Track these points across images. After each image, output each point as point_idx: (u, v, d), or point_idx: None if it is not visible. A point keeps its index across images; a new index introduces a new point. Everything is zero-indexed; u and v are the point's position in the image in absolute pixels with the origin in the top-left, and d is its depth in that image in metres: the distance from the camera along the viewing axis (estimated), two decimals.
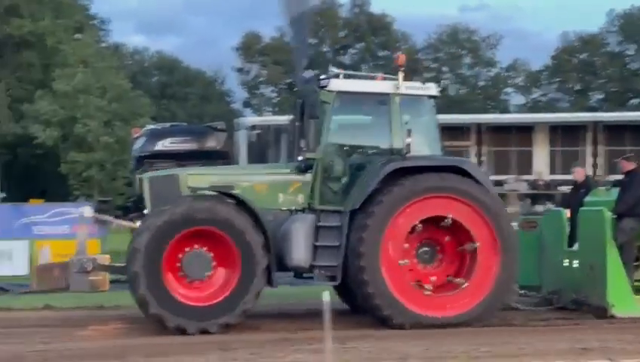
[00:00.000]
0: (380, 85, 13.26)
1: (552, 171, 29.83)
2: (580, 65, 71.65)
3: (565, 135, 30.76)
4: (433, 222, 12.59)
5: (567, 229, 14.21)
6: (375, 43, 71.02)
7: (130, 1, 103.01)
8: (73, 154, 53.05)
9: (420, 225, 12.45)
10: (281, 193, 13.01)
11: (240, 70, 74.00)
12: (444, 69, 73.40)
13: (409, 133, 12.54)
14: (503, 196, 28.69)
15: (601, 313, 12.80)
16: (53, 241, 20.99)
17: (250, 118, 28.29)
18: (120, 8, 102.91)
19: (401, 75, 13.00)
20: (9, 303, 15.78)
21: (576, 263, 13.58)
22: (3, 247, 21.68)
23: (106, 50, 64.08)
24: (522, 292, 14.70)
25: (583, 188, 15.24)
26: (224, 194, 12.60)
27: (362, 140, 13.44)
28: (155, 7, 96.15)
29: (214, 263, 12.28)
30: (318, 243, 12.50)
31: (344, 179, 12.95)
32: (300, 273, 13.38)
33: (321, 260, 12.49)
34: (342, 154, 13.13)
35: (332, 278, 12.52)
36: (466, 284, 12.44)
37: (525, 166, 30.36)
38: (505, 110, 67.80)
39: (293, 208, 12.96)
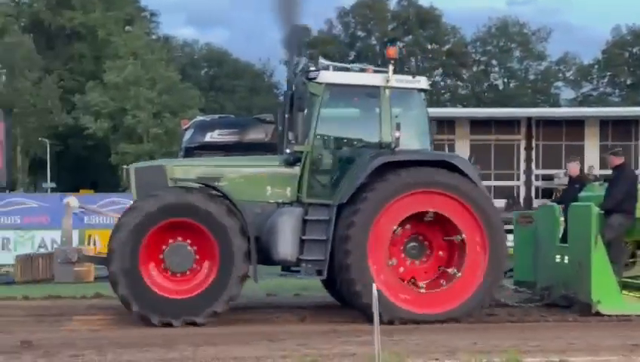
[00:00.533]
0: (369, 78, 12.87)
1: (603, 166, 29.41)
2: (631, 59, 70.68)
3: (616, 129, 30.35)
4: (418, 218, 12.29)
5: (563, 225, 13.91)
6: (423, 36, 70.67)
7: None
8: (123, 146, 53.62)
9: (408, 221, 12.22)
10: (269, 185, 12.75)
11: (288, 63, 74.00)
12: (493, 62, 72.83)
13: (398, 126, 12.24)
14: (552, 190, 28.50)
15: (588, 309, 12.49)
16: (103, 231, 21.17)
17: None
18: (169, 1, 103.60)
19: (391, 68, 12.62)
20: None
21: (566, 259, 13.26)
22: (54, 236, 21.92)
23: (156, 43, 64.63)
24: (514, 288, 14.55)
25: (577, 183, 15.00)
26: (205, 185, 12.36)
27: (351, 133, 13.11)
28: (205, 0, 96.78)
29: (196, 255, 12.06)
30: (305, 237, 12.23)
31: (333, 173, 12.73)
32: (286, 267, 13.18)
33: (308, 254, 12.21)
34: (330, 147, 12.88)
35: (319, 272, 12.27)
36: (459, 274, 12.14)
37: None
38: (555, 104, 67.16)
39: (281, 201, 12.67)
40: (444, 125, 27.72)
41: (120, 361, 9.35)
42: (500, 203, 24.18)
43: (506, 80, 73.52)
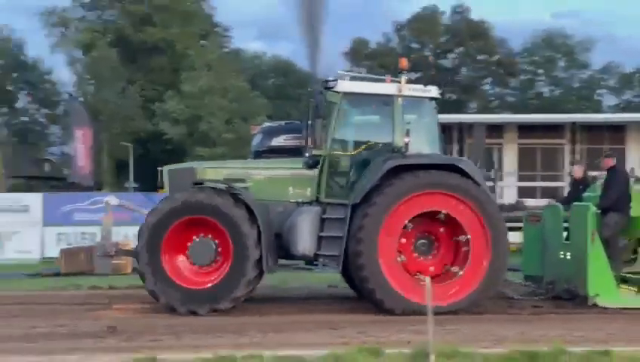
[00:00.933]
0: (383, 87, 12.97)
1: None
2: None
3: None
4: (430, 217, 12.35)
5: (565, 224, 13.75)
6: (474, 47, 69.98)
7: (248, 11, 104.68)
8: (198, 150, 54.09)
9: (415, 220, 12.26)
10: (290, 186, 12.90)
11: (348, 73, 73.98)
12: (540, 71, 71.82)
13: (407, 132, 12.37)
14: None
15: (587, 303, 12.39)
16: None
17: None
18: (240, 17, 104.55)
19: (403, 78, 12.70)
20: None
21: (569, 255, 13.12)
22: (135, 232, 22.18)
23: (228, 55, 65.10)
24: (522, 282, 14.38)
25: (581, 184, 14.87)
26: (228, 187, 12.45)
27: (366, 138, 13.09)
28: (271, 16, 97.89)
29: (218, 248, 12.19)
30: (322, 234, 12.37)
31: (349, 175, 12.80)
32: (305, 261, 13.13)
33: (325, 250, 12.35)
34: (347, 151, 12.97)
35: (335, 267, 12.42)
36: (461, 273, 12.17)
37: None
38: (598, 110, 65.92)
39: (301, 200, 12.79)
40: (494, 130, 27.48)
41: (196, 345, 9.45)
42: (544, 202, 23.83)
43: (551, 88, 72.49)
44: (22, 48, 58.16)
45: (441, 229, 12.53)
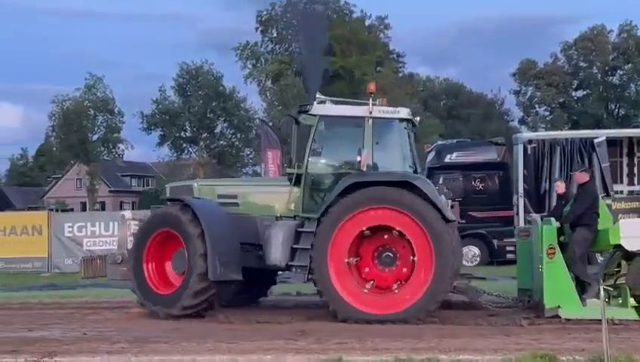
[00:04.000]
0: (355, 110, 13.05)
1: None
2: None
3: None
4: (387, 231, 12.11)
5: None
6: None
7: (417, 39, 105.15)
8: None
9: (367, 232, 12.06)
10: (275, 202, 13.05)
11: (517, 92, 72.47)
12: None
13: (359, 151, 12.31)
14: None
15: (549, 314, 11.77)
16: None
17: (527, 134, 27.45)
18: (412, 44, 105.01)
19: (371, 101, 12.61)
20: None
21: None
22: None
23: (402, 80, 65.33)
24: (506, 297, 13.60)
25: (563, 200, 13.92)
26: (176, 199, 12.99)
27: (340, 158, 13.03)
28: (437, 42, 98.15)
29: (187, 258, 12.49)
30: (295, 246, 12.44)
31: (323, 191, 12.78)
32: (278, 270, 13.36)
33: (298, 261, 12.39)
34: (322, 170, 12.97)
35: (305, 277, 12.34)
36: (403, 284, 11.99)
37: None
38: None
39: (284, 215, 12.90)
40: None
41: (377, 348, 9.50)
42: None
43: None
44: (220, 80, 60.83)
45: (398, 244, 12.31)
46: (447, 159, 23.99)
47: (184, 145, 61.77)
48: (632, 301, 11.71)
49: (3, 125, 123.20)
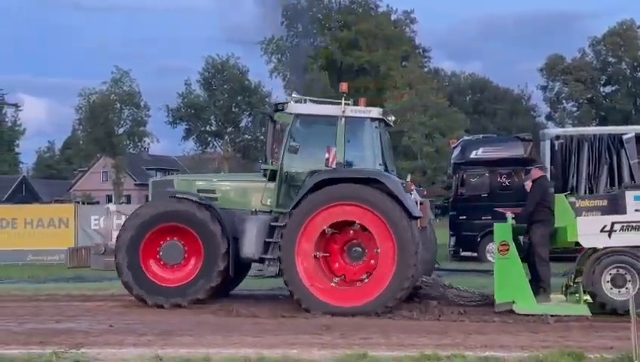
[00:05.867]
0: (328, 109, 13.32)
1: None
2: None
3: None
4: (355, 226, 12.39)
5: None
6: None
7: (441, 33, 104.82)
8: (400, 162, 54.43)
9: (329, 229, 12.33)
10: (252, 197, 13.39)
11: (544, 88, 71.98)
12: None
13: (328, 149, 12.55)
14: None
15: (499, 309, 11.88)
16: None
17: (554, 130, 27.20)
18: (437, 39, 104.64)
19: (343, 101, 12.94)
20: None
21: None
22: None
23: (428, 75, 65.12)
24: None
25: None
26: (204, 200, 13.13)
27: (314, 155, 13.09)
28: (462, 37, 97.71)
29: (186, 252, 12.91)
30: (268, 239, 12.74)
31: (296, 187, 13.01)
32: (251, 262, 13.56)
33: (270, 253, 12.72)
34: (297, 167, 13.19)
35: (276, 269, 12.65)
36: (366, 280, 12.25)
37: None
38: None
39: (257, 209, 13.18)
40: None
41: (402, 344, 9.49)
42: None
43: None
44: (245, 74, 61.02)
45: (366, 239, 12.53)
46: (472, 155, 23.81)
47: (209, 138, 62.11)
48: (587, 297, 11.85)
49: (29, 117, 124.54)
